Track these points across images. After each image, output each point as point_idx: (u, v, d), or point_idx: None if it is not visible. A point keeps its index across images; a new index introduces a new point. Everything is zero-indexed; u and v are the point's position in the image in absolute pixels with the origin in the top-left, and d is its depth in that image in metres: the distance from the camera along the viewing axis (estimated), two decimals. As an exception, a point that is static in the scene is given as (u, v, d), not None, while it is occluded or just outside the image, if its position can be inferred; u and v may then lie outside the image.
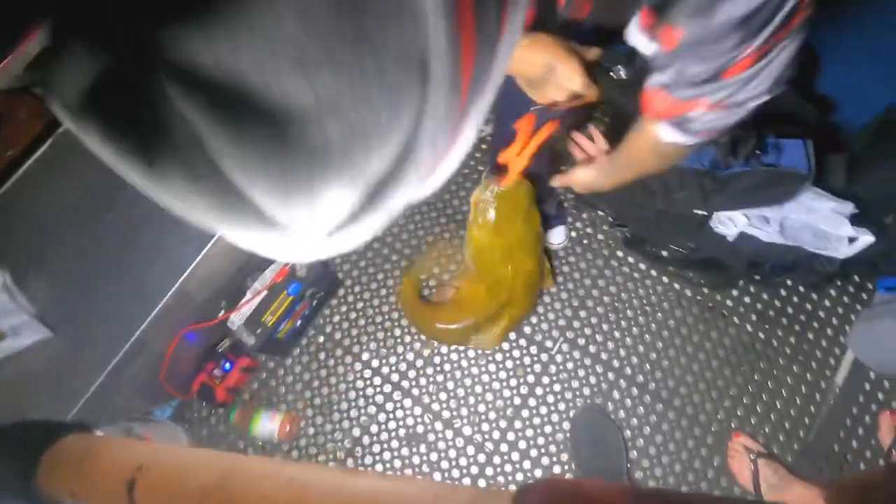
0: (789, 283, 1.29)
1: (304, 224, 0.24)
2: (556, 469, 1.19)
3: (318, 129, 0.20)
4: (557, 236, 1.32)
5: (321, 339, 1.32)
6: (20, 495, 0.33)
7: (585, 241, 1.37)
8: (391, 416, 1.25)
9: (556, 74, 0.72)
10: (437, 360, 1.28)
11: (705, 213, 1.08)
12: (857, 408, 1.20)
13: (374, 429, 1.24)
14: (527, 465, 1.20)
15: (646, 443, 1.20)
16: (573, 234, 1.37)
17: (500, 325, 1.18)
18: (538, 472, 1.19)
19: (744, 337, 1.27)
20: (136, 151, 0.21)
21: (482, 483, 1.19)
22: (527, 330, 1.29)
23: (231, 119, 0.19)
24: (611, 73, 0.78)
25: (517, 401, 1.24)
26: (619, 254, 1.35)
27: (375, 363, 1.29)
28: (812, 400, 1.21)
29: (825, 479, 1.12)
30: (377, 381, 1.28)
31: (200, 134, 0.19)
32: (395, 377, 1.28)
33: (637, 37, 0.55)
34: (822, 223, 0.99)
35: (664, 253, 1.27)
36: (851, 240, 0.99)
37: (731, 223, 1.07)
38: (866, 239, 0.97)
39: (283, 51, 0.18)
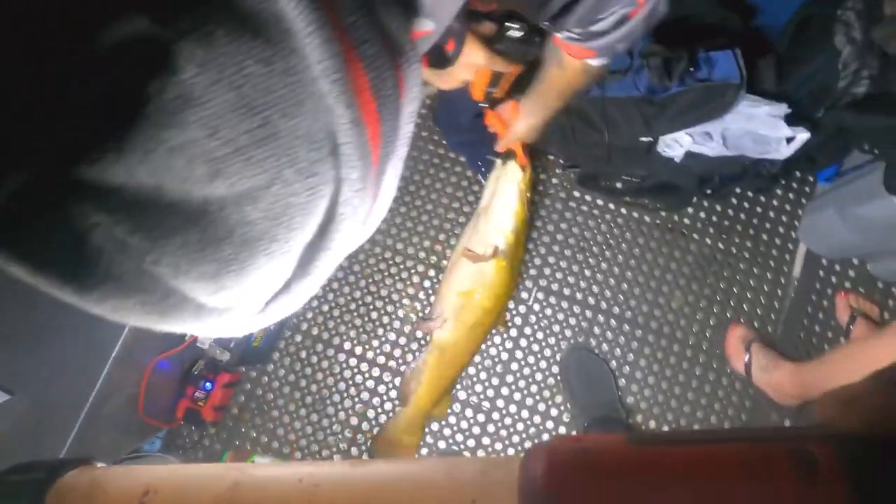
0: (738, 191, 1.33)
1: (240, 304, 0.25)
2: (553, 412, 1.23)
3: (240, 217, 0.21)
4: (513, 188, 1.32)
5: (299, 338, 1.29)
6: None
7: (541, 188, 1.37)
8: (385, 397, 1.25)
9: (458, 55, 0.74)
10: (418, 334, 1.28)
11: (650, 139, 1.09)
12: (815, 295, 1.28)
13: (370, 413, 1.25)
14: (524, 413, 1.23)
15: (632, 369, 1.25)
16: (528, 183, 1.37)
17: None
18: (536, 419, 1.23)
19: (705, 250, 1.32)
20: (62, 278, 0.21)
21: (486, 441, 1.22)
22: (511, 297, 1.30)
23: (156, 228, 0.20)
24: (507, 35, 0.79)
25: (504, 356, 1.27)
26: (576, 194, 1.36)
27: (359, 350, 1.28)
28: (775, 296, 1.29)
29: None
30: (364, 367, 1.27)
31: (128, 249, 0.20)
32: (381, 359, 1.27)
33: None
34: (761, 128, 1.01)
35: (618, 185, 1.29)
36: (789, 140, 1.03)
37: (676, 145, 1.08)
38: (803, 136, 1.01)
39: (199, 162, 0.19)
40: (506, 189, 1.07)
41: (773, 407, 1.20)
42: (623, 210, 1.34)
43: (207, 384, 1.16)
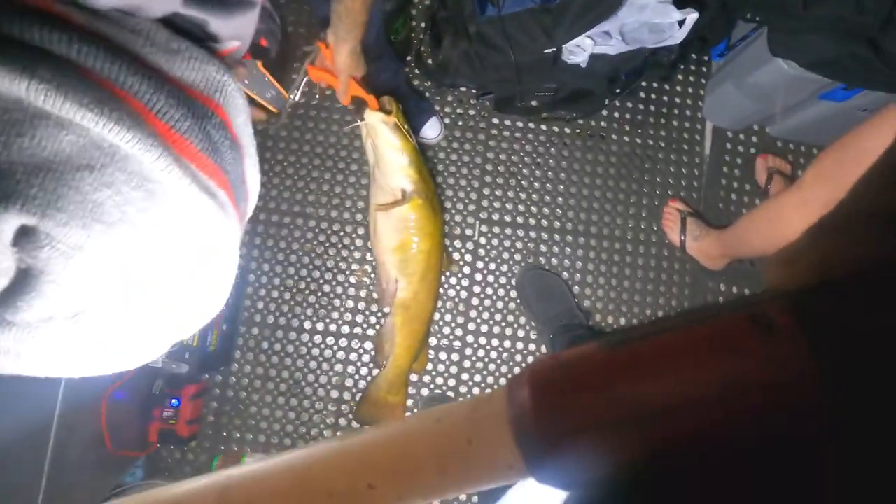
0: (644, 84, 1.38)
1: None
2: (521, 333, 1.29)
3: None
4: (432, 129, 1.29)
5: (255, 330, 1.25)
6: None
7: (461, 123, 1.35)
8: (359, 363, 1.26)
9: None
10: (374, 294, 1.28)
11: (554, 50, 1.09)
12: (725, 167, 1.38)
13: (349, 382, 1.25)
14: (495, 342, 1.28)
15: (582, 275, 1.32)
16: (447, 120, 1.34)
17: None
18: (507, 343, 1.29)
19: (625, 148, 1.37)
20: None
21: (465, 377, 1.27)
22: (444, 229, 1.31)
23: None
24: None
25: (463, 294, 1.29)
26: (496, 120, 1.36)
27: (320, 325, 1.26)
28: (693, 176, 1.37)
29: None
30: (330, 340, 1.26)
31: None
32: (345, 329, 1.27)
33: None
34: (654, 17, 1.03)
35: (534, 103, 1.30)
36: (681, 23, 1.06)
37: (579, 50, 1.09)
38: (692, 17, 1.04)
39: None
40: (380, 133, 1.01)
41: (708, 275, 1.32)
42: (543, 127, 1.36)
43: (174, 401, 1.11)
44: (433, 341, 1.27)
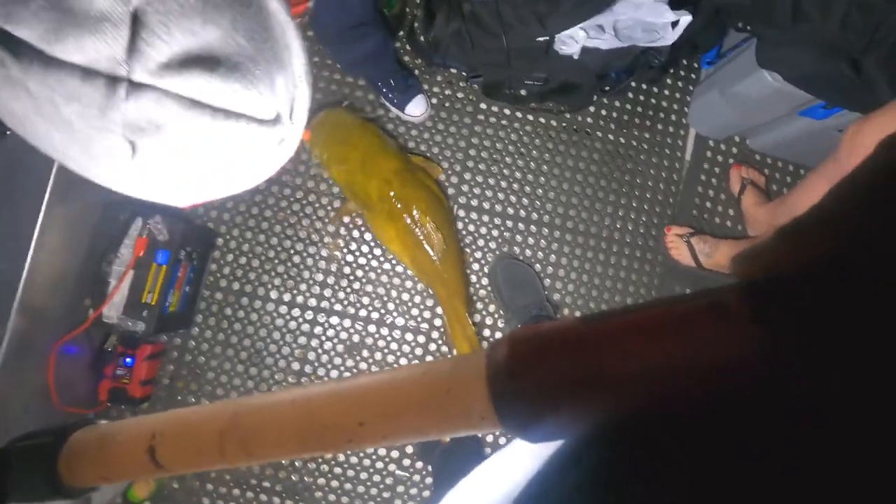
0: (633, 85, 1.38)
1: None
2: (489, 321, 1.29)
3: None
4: (417, 106, 1.27)
5: (219, 295, 1.22)
6: (53, 495, 0.36)
7: (447, 105, 1.34)
8: (323, 337, 1.25)
9: None
10: (346, 269, 1.26)
11: (547, 38, 1.09)
12: (703, 175, 1.40)
13: (311, 356, 1.24)
14: (462, 327, 1.28)
15: (554, 268, 1.33)
16: (434, 100, 1.33)
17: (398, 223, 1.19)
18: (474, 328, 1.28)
19: (608, 147, 1.38)
20: None
21: (429, 359, 1.27)
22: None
23: None
24: None
25: (435, 277, 1.29)
26: (483, 106, 1.34)
27: (287, 296, 1.24)
28: (671, 180, 1.39)
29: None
30: (296, 312, 1.24)
31: None
32: (312, 301, 1.25)
33: None
34: (648, 15, 1.03)
35: (522, 92, 1.29)
36: (674, 24, 1.06)
37: (572, 41, 1.08)
38: (686, 18, 1.04)
39: None
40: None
41: (675, 278, 1.34)
42: (530, 117, 1.35)
43: (128, 360, 1.08)
44: (400, 321, 1.27)
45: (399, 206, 1.15)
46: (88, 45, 0.32)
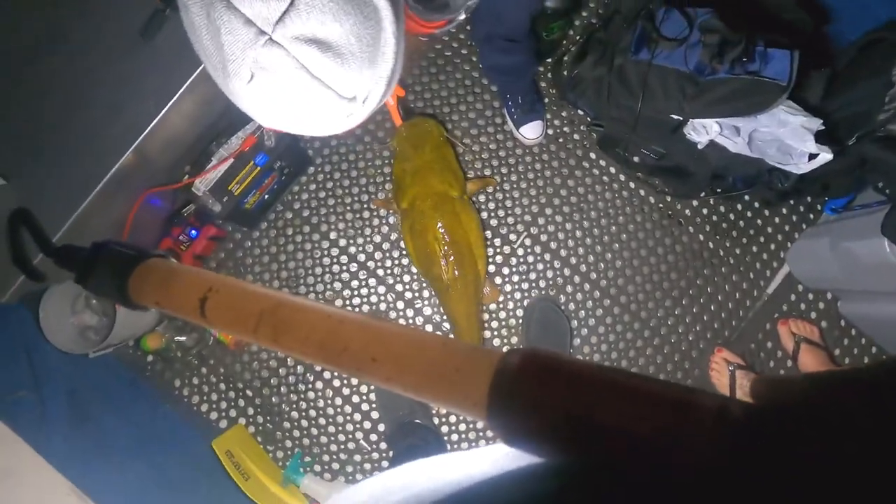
0: (747, 198, 1.34)
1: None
2: (505, 349, 1.30)
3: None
4: (534, 130, 1.31)
5: (289, 215, 1.32)
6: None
7: (561, 140, 1.36)
8: (356, 292, 1.31)
9: None
10: (402, 244, 1.32)
11: (680, 119, 1.09)
12: (777, 314, 1.33)
13: (338, 303, 1.30)
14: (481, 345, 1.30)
15: (589, 332, 1.31)
16: (550, 131, 1.36)
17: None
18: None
19: (695, 245, 1.34)
20: None
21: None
22: (493, 223, 1.33)
23: None
24: None
25: (477, 287, 1.31)
26: (592, 156, 1.36)
27: (343, 242, 1.32)
28: (742, 305, 1.33)
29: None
30: (344, 259, 1.31)
31: None
32: (361, 257, 1.32)
33: None
34: (789, 137, 1.01)
35: (635, 158, 1.29)
36: (812, 156, 1.02)
37: (703, 130, 1.08)
38: (825, 156, 1.01)
39: None
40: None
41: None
42: (632, 184, 1.35)
43: (193, 232, 1.19)
44: (428, 311, 1.30)
45: (420, 225, 1.19)
46: (257, 6, 0.50)
